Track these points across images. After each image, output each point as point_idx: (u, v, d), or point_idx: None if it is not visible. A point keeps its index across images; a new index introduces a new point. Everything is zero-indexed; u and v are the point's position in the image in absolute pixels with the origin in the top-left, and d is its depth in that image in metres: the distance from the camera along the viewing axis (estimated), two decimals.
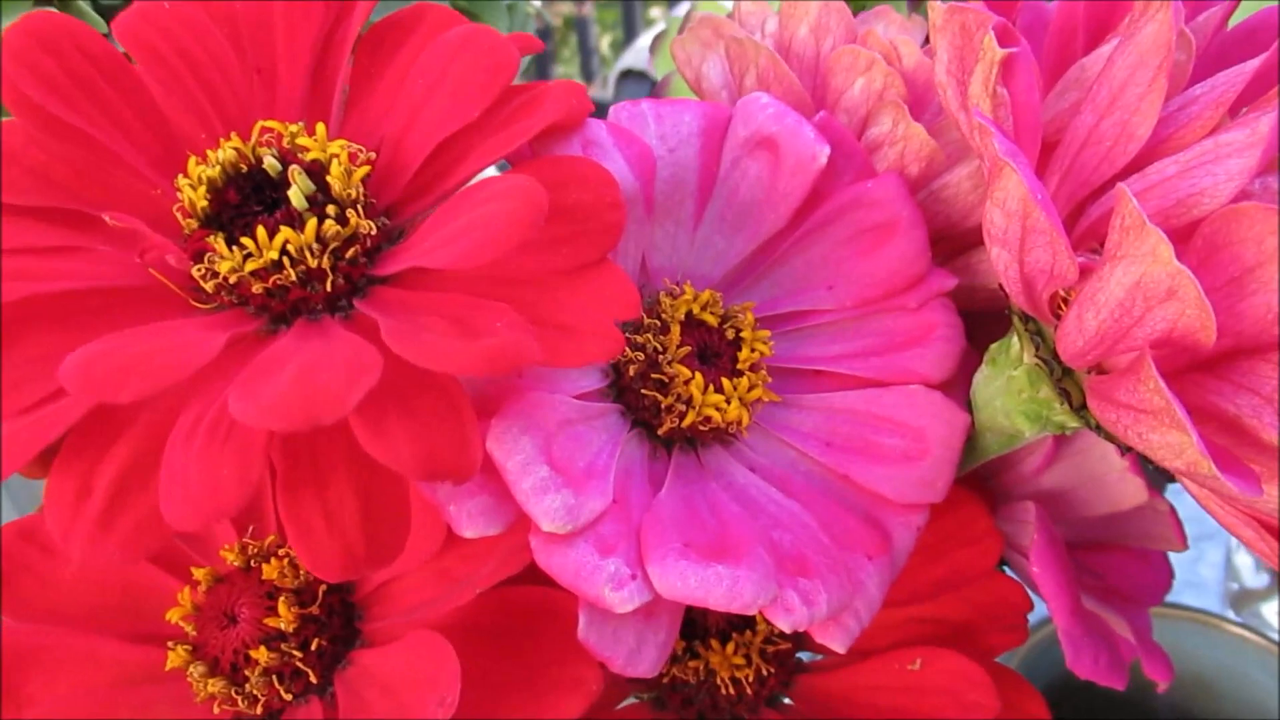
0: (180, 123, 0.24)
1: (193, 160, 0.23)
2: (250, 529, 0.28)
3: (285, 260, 0.22)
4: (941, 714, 0.31)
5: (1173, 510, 0.34)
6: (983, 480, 0.36)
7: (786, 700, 0.34)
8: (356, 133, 0.25)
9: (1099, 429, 0.25)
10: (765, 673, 0.32)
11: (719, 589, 0.24)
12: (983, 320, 0.32)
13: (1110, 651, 0.32)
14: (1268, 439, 0.19)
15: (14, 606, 0.28)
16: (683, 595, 0.24)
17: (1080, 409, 0.25)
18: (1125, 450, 0.25)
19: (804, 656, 0.35)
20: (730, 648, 0.31)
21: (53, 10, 0.25)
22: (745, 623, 0.32)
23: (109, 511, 0.21)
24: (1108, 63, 0.22)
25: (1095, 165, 0.22)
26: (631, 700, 0.34)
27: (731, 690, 0.32)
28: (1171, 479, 0.37)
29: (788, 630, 0.25)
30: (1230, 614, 0.68)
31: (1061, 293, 0.23)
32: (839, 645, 0.27)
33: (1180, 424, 0.19)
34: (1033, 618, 0.34)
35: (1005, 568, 0.36)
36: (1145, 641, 0.34)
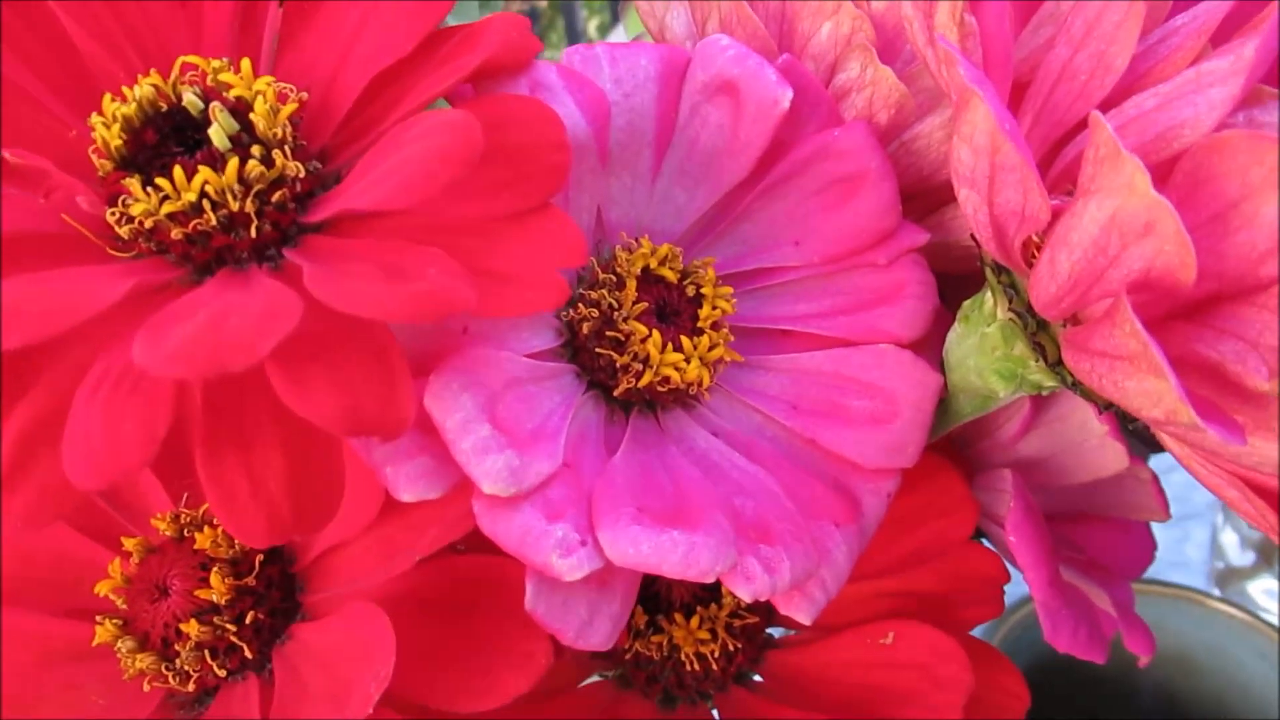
0: (96, 58, 0.23)
1: (107, 97, 0.22)
2: (185, 496, 0.26)
3: (205, 203, 0.21)
4: (914, 689, 0.30)
5: (1155, 478, 0.33)
6: (959, 448, 0.35)
7: (756, 677, 0.33)
8: (289, 74, 0.24)
9: (1075, 385, 0.24)
10: (732, 648, 0.31)
11: (674, 555, 0.22)
12: (958, 282, 0.30)
13: (1090, 624, 0.31)
14: (1252, 385, 0.18)
15: None
16: (635, 562, 0.22)
17: (1056, 365, 0.24)
18: (1105, 408, 0.24)
19: (775, 633, 0.33)
20: (694, 622, 0.30)
21: None
22: (710, 596, 0.30)
23: (12, 473, 0.19)
24: None
25: (1070, 103, 0.21)
26: (595, 678, 0.33)
27: (697, 666, 0.30)
28: (1157, 449, 0.35)
29: (748, 599, 0.23)
30: (1216, 591, 0.67)
31: (1035, 238, 0.22)
32: (804, 616, 0.25)
33: (1158, 368, 0.17)
34: (1012, 597, 0.32)
35: (982, 539, 0.34)
36: (1127, 615, 0.32)
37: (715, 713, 0.32)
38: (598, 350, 0.26)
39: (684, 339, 0.26)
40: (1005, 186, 0.20)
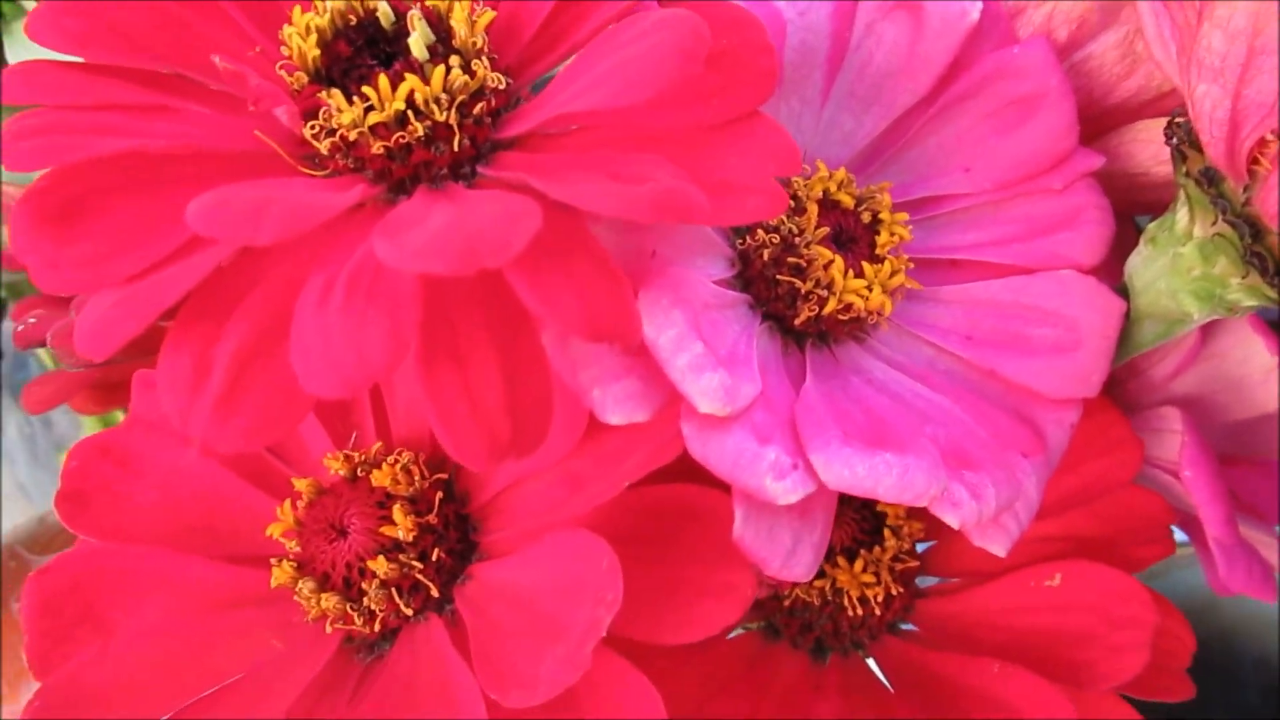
0: None
1: (297, 9, 0.21)
2: (354, 436, 0.25)
3: (410, 114, 0.20)
4: (1089, 631, 0.28)
5: None
6: (1105, 390, 0.34)
7: (908, 626, 0.32)
8: None
9: None
10: (894, 592, 0.30)
11: (889, 478, 0.22)
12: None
13: (1261, 563, 0.30)
14: None
15: (93, 525, 0.25)
16: (850, 485, 0.21)
17: (1276, 274, 0.23)
18: None
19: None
20: (859, 565, 0.29)
21: None
22: (871, 539, 0.30)
23: (234, 387, 0.18)
24: None
25: None
26: (738, 632, 0.32)
27: (859, 611, 0.29)
28: None
29: (955, 525, 0.23)
30: None
31: (1270, 135, 0.21)
32: (999, 548, 0.25)
33: None
34: None
35: None
36: None
37: (871, 663, 0.31)
38: (778, 278, 0.25)
39: (865, 265, 0.25)
40: (1260, 73, 0.19)
